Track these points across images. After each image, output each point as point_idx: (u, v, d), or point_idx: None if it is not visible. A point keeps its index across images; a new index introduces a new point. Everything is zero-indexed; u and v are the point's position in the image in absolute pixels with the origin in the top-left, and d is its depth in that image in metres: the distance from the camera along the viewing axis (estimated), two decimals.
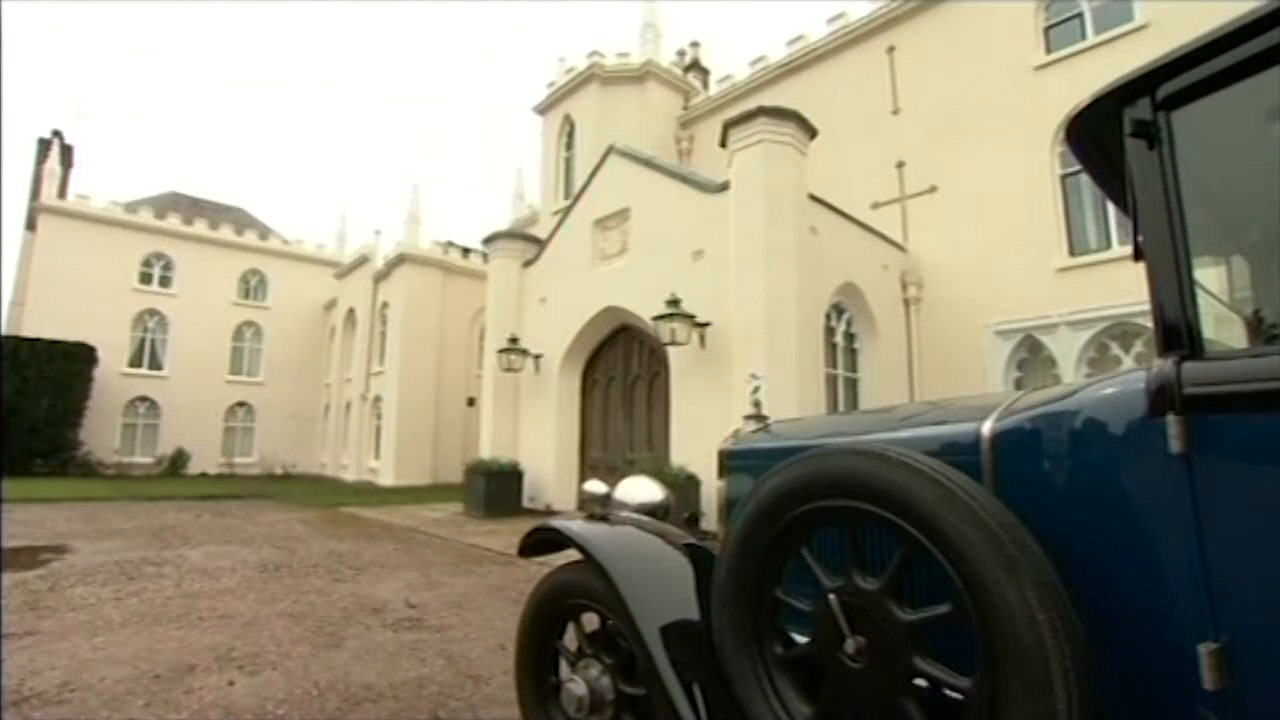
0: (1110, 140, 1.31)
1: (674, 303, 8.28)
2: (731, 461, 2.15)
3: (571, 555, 1.93)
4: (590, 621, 1.96)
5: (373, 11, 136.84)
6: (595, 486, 2.18)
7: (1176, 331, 1.12)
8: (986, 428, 1.38)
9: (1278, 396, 0.98)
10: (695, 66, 17.36)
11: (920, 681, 1.21)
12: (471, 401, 17.96)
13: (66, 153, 22.25)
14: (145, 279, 21.49)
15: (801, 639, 1.46)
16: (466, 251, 19.82)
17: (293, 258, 24.41)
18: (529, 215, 19.44)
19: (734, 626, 1.52)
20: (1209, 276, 1.40)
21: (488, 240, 12.74)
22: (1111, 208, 8.81)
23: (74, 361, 18.44)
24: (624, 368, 10.46)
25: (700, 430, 8.07)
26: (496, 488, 10.15)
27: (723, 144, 8.58)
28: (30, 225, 20.60)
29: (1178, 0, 8.05)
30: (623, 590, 1.68)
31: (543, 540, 2.08)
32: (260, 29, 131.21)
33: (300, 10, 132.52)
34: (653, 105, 15.29)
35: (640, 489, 2.20)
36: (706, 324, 8.41)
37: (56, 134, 22.78)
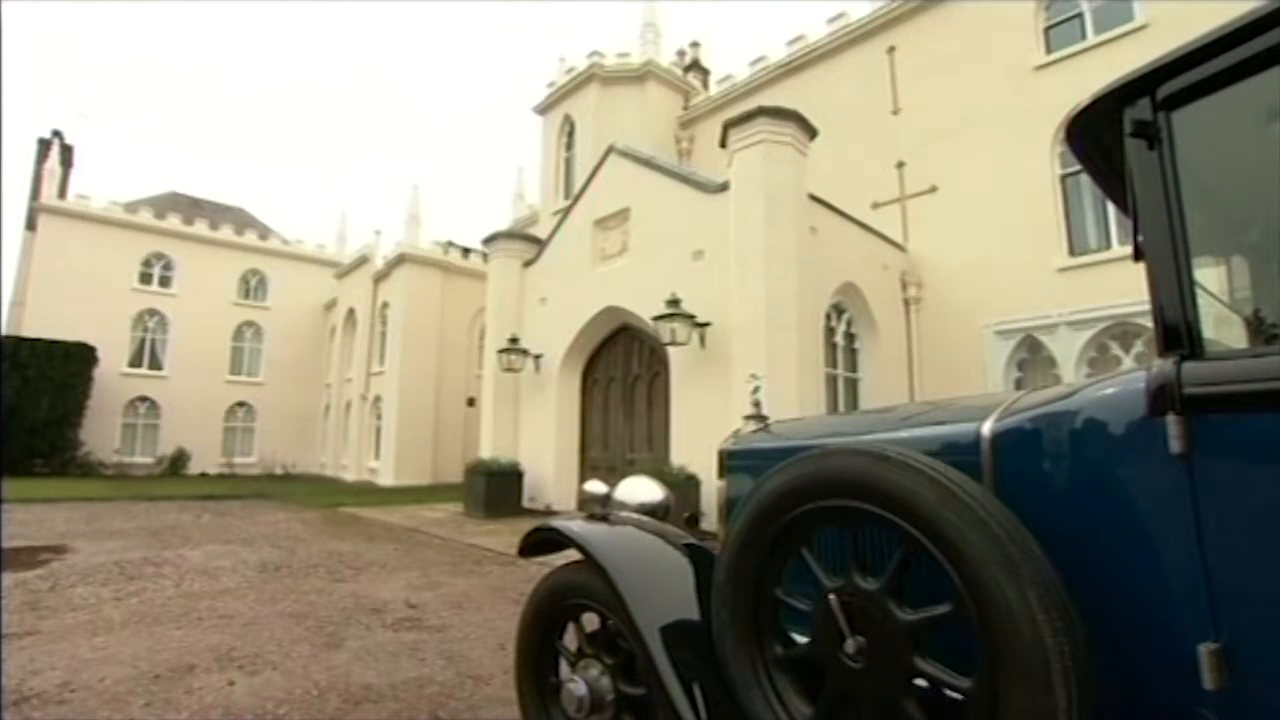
0: (1110, 140, 1.31)
1: (674, 303, 8.28)
2: (731, 461, 2.15)
3: (571, 555, 1.93)
4: (590, 621, 1.96)
5: (373, 11, 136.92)
6: (595, 486, 2.19)
7: (1176, 331, 1.12)
8: (986, 428, 1.38)
9: (1278, 396, 0.98)
10: (695, 66, 17.36)
11: (920, 681, 1.21)
12: (471, 401, 17.96)
13: (66, 153, 22.25)
14: (145, 279, 21.49)
15: (801, 639, 1.46)
16: (466, 251, 19.82)
17: (293, 258, 24.41)
18: (529, 215, 19.44)
19: (734, 626, 1.52)
20: (1209, 276, 1.40)
21: (488, 240, 12.73)
22: (1111, 208, 8.81)
23: (74, 361, 18.43)
24: (624, 368, 10.46)
25: (700, 430, 8.07)
26: (496, 488, 10.15)
27: (723, 144, 8.58)
28: (30, 225, 20.60)
29: (1178, 0, 8.05)
30: (623, 590, 1.68)
31: (543, 540, 2.08)
32: (260, 29, 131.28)
33: (300, 10, 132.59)
34: (653, 105, 15.29)
35: (640, 489, 2.20)
36: (706, 324, 8.41)
37: (56, 134, 22.78)
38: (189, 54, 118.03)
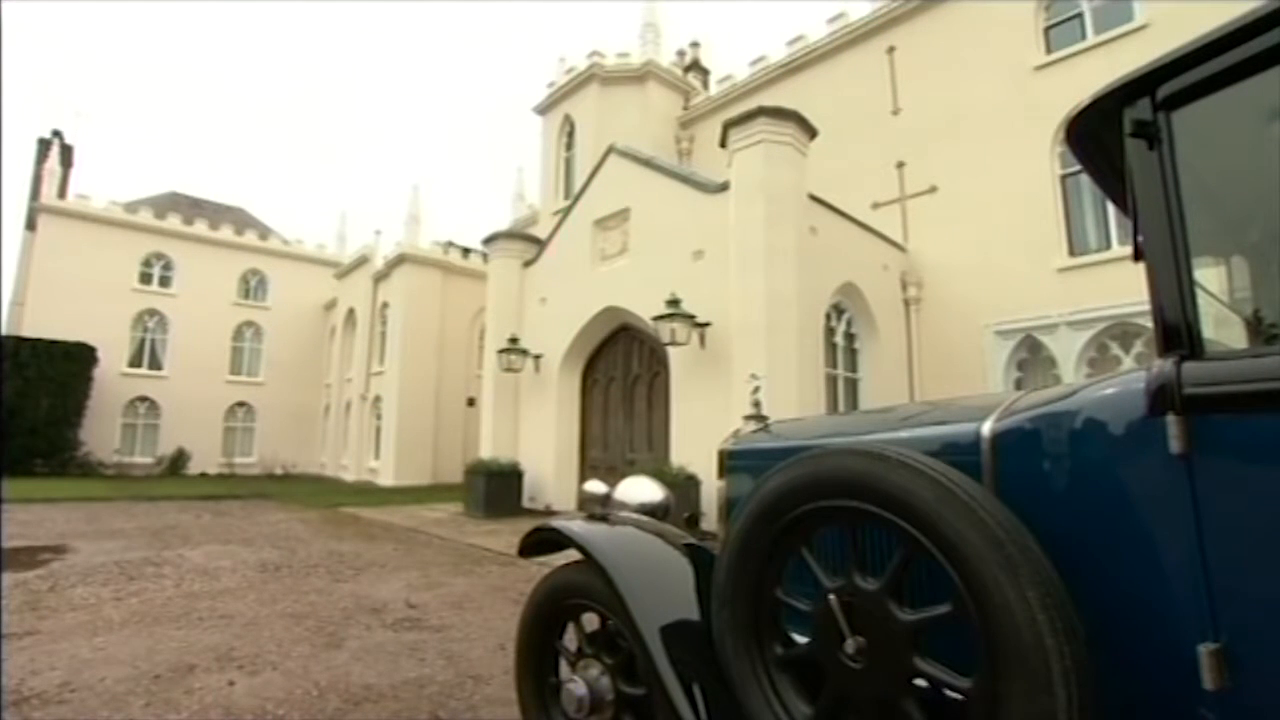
0: (1110, 140, 1.30)
1: (674, 303, 8.28)
2: (731, 461, 2.15)
3: (571, 555, 1.93)
4: (590, 621, 1.96)
5: (373, 11, 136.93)
6: (595, 486, 2.18)
7: (1176, 331, 1.11)
8: (986, 428, 1.38)
9: (1278, 396, 0.97)
10: (695, 66, 17.35)
11: (920, 682, 1.21)
12: (471, 401, 17.95)
13: (66, 153, 22.25)
14: (145, 279, 21.48)
15: (801, 639, 1.46)
16: (466, 251, 19.82)
17: (293, 258, 24.40)
18: (529, 215, 19.44)
19: (734, 626, 1.52)
20: (1209, 276, 1.40)
21: (488, 240, 12.73)
22: (1111, 208, 8.81)
23: (74, 361, 18.42)
24: (624, 368, 10.46)
25: (700, 430, 8.07)
26: (496, 488, 10.15)
27: (723, 144, 8.58)
28: (30, 225, 20.60)
29: (1178, 0, 8.05)
30: (623, 590, 1.68)
31: (543, 540, 2.08)
32: (261, 29, 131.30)
33: (301, 10, 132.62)
34: (653, 105, 15.29)
35: (640, 489, 2.20)
36: (706, 324, 8.40)
37: (56, 134, 22.79)
38: (189, 54, 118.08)
